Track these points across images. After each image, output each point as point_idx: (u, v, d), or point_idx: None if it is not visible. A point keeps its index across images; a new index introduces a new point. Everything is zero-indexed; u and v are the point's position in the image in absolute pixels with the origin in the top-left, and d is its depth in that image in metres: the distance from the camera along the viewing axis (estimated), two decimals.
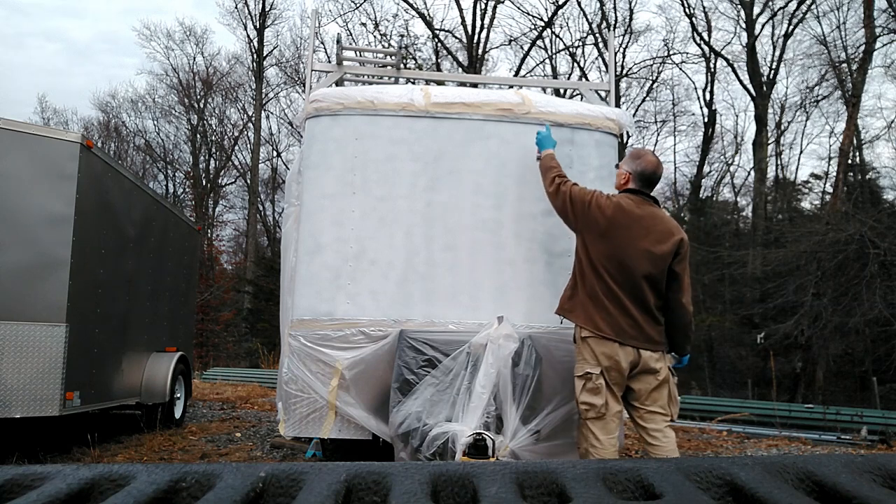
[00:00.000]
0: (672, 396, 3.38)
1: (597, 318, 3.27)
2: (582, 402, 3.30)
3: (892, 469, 0.66)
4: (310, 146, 4.18)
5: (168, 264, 7.75)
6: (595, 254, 3.34)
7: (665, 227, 3.39)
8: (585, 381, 3.29)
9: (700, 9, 23.29)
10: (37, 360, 4.93)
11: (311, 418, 3.87)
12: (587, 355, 3.31)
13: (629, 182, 3.49)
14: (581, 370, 3.32)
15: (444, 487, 0.65)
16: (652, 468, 0.68)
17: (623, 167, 3.56)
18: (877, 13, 17.53)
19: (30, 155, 5.12)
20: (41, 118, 33.08)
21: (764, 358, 16.99)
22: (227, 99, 32.69)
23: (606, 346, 3.25)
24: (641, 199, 3.43)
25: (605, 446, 3.23)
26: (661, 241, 3.33)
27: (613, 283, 3.28)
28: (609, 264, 3.30)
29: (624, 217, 3.33)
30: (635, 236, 3.30)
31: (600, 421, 3.26)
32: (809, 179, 25.98)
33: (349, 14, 23.86)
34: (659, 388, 3.33)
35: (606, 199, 3.40)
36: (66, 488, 0.63)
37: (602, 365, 3.26)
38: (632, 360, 3.26)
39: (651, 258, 3.29)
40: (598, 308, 3.28)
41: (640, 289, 3.28)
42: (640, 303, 3.29)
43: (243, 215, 31.72)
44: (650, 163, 3.50)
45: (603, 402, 3.24)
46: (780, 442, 7.51)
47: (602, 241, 3.33)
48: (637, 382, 3.33)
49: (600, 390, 3.25)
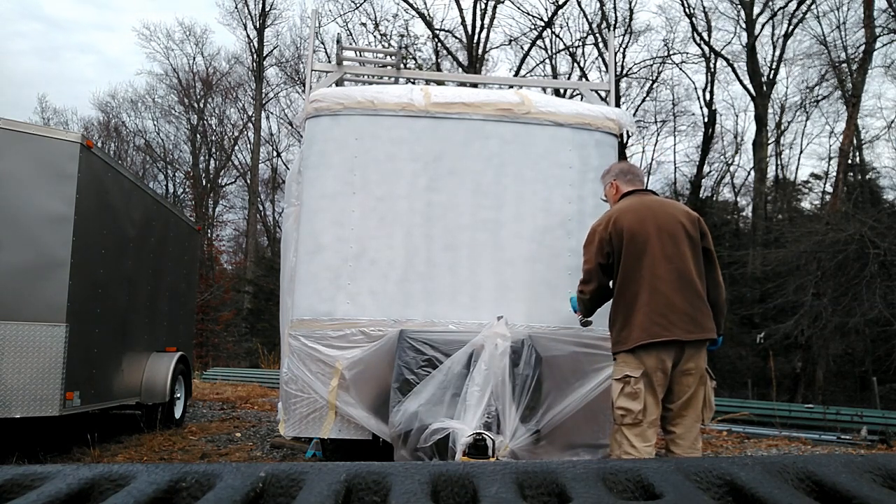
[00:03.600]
0: (707, 401, 3.25)
1: (649, 328, 3.09)
2: (618, 407, 3.15)
3: (892, 469, 0.66)
4: (310, 146, 4.18)
5: (168, 264, 7.75)
6: (627, 266, 3.21)
7: (679, 208, 3.38)
8: (624, 384, 3.14)
9: (700, 9, 23.25)
10: (37, 360, 4.93)
11: (311, 418, 3.88)
12: (630, 360, 3.15)
13: (619, 188, 3.48)
14: (620, 373, 3.18)
15: (444, 487, 0.65)
16: (652, 468, 0.68)
17: (605, 184, 3.60)
18: (877, 13, 17.55)
19: (30, 155, 5.12)
20: (41, 118, 33.10)
21: (764, 358, 16.98)
22: (227, 99, 32.71)
23: (653, 350, 3.10)
24: (641, 194, 3.40)
25: (642, 454, 3.09)
26: (679, 220, 3.25)
27: (657, 281, 3.13)
28: (643, 268, 3.16)
29: (632, 217, 3.24)
30: (659, 226, 3.20)
31: (637, 427, 3.11)
32: (809, 179, 26.01)
33: (349, 14, 23.87)
34: (695, 392, 3.20)
35: (605, 223, 3.31)
36: (66, 488, 0.63)
37: (646, 366, 3.10)
38: (674, 357, 3.11)
39: (675, 240, 3.19)
40: (644, 319, 3.11)
41: (686, 272, 3.15)
42: (688, 287, 3.14)
43: (243, 215, 31.75)
44: (622, 164, 3.59)
45: (641, 408, 3.10)
46: (780, 442, 7.51)
47: (629, 251, 3.20)
48: (672, 383, 3.18)
49: (639, 395, 3.10)
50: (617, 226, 3.25)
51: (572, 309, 3.70)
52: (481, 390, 3.40)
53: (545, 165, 4.18)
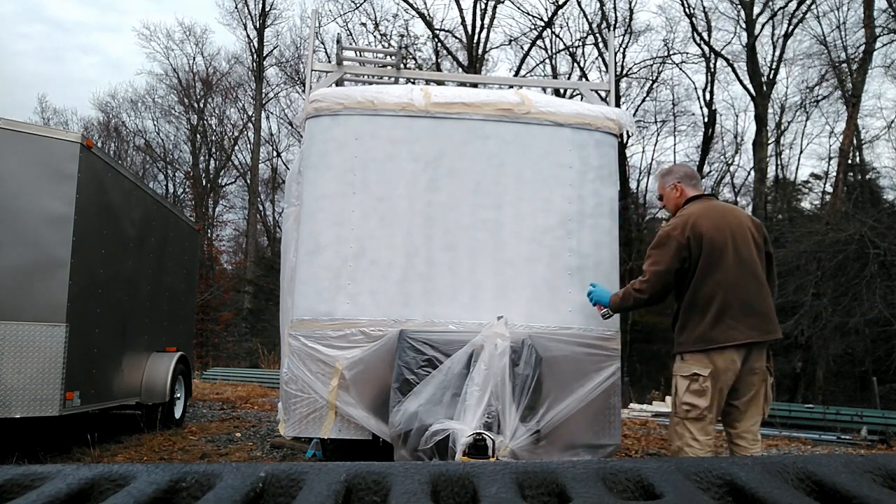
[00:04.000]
0: (767, 396, 3.37)
1: (725, 332, 3.18)
2: (684, 402, 3.25)
3: (892, 469, 0.66)
4: (310, 146, 4.18)
5: (168, 264, 7.75)
6: (705, 271, 3.25)
7: (745, 214, 3.51)
8: (691, 381, 3.23)
9: (700, 9, 23.20)
10: (37, 360, 4.93)
11: (311, 418, 3.88)
12: (701, 359, 3.23)
13: (684, 191, 3.51)
14: (688, 370, 3.25)
15: (444, 487, 0.65)
16: (652, 468, 0.68)
17: (666, 185, 3.57)
18: (877, 13, 17.52)
19: (30, 155, 5.12)
20: (41, 118, 33.09)
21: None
22: (226, 99, 32.70)
23: (727, 353, 3.19)
24: (707, 199, 3.47)
25: (704, 447, 3.19)
26: (746, 225, 3.36)
27: (732, 285, 3.21)
28: (723, 270, 3.23)
29: (706, 223, 3.28)
30: (733, 232, 3.29)
31: (700, 422, 3.21)
32: (809, 179, 26.00)
33: (349, 14, 23.84)
34: (758, 389, 3.32)
35: (679, 231, 3.31)
36: (66, 488, 0.63)
37: (716, 366, 3.19)
38: (743, 357, 3.22)
39: (753, 243, 3.32)
40: (719, 322, 3.20)
41: (758, 276, 3.28)
42: (759, 290, 3.27)
43: (243, 215, 31.74)
44: (683, 165, 3.60)
45: (707, 405, 3.19)
46: (780, 442, 7.51)
47: (707, 256, 3.25)
48: (739, 382, 3.28)
49: (706, 392, 3.19)
50: (696, 231, 3.28)
51: (592, 301, 3.74)
52: (481, 390, 3.40)
53: (545, 165, 4.18)
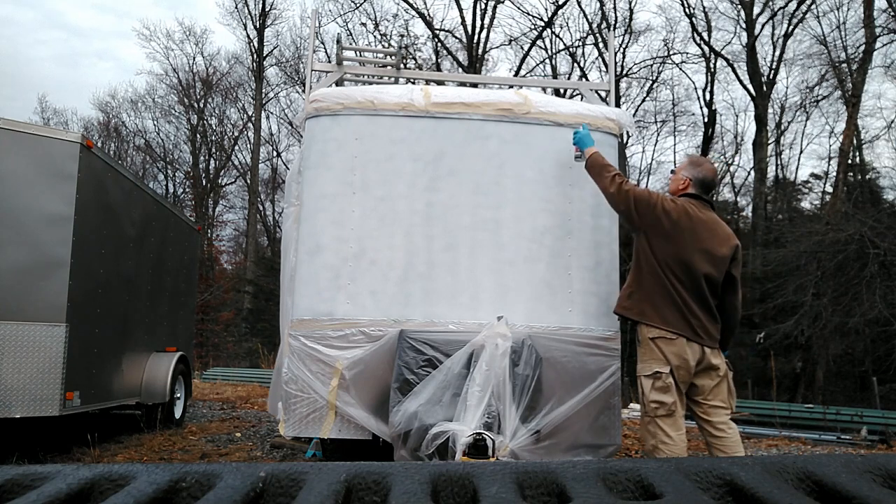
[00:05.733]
0: (731, 390, 3.50)
1: (668, 316, 3.35)
2: (652, 401, 3.36)
3: (892, 469, 0.66)
4: (310, 146, 4.18)
5: (168, 264, 7.75)
6: (660, 254, 3.42)
7: (724, 231, 3.55)
8: (654, 380, 3.35)
9: (700, 9, 23.27)
10: (37, 360, 4.93)
11: (311, 418, 3.87)
12: (655, 355, 3.37)
13: (689, 187, 3.61)
14: (650, 369, 3.38)
15: (444, 487, 0.65)
16: (652, 468, 0.68)
17: (681, 172, 3.68)
18: (877, 13, 17.52)
19: (30, 155, 5.12)
20: (41, 118, 33.09)
21: (764, 358, 16.98)
22: (226, 99, 32.68)
23: (675, 346, 3.33)
24: (701, 203, 3.56)
25: (677, 442, 3.31)
26: (721, 245, 3.47)
27: (678, 282, 3.39)
28: (674, 264, 3.39)
29: (688, 220, 3.44)
30: (699, 239, 3.42)
31: (670, 418, 3.32)
32: (809, 179, 26.00)
33: (349, 14, 23.84)
34: (720, 384, 3.44)
35: (672, 203, 3.50)
36: (66, 488, 0.63)
37: (671, 364, 3.33)
38: (698, 357, 3.36)
39: (712, 260, 3.42)
40: (665, 306, 3.37)
41: (702, 289, 3.40)
42: (702, 302, 3.42)
43: (243, 215, 31.73)
44: (710, 171, 3.66)
45: (673, 401, 3.32)
46: (780, 442, 7.51)
47: (667, 243, 3.42)
48: (700, 379, 3.42)
49: (670, 389, 3.32)
50: (676, 209, 3.43)
51: (574, 143, 3.93)
52: (482, 390, 3.40)
53: (545, 165, 4.18)
